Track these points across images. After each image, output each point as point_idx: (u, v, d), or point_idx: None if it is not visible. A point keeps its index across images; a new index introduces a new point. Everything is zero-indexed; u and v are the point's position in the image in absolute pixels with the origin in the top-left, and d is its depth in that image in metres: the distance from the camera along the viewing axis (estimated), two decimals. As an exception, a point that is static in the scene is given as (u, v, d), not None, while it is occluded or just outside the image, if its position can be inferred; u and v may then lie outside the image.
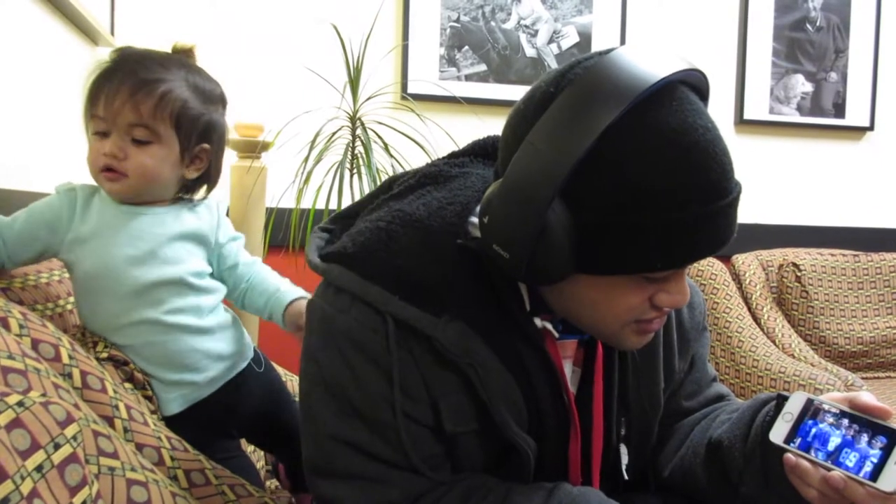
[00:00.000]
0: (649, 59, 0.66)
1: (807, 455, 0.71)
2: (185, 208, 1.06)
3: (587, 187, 0.65)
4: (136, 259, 0.98)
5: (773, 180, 2.84)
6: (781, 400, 0.77)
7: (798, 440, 0.72)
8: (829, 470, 0.69)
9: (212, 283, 1.08)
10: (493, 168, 0.78)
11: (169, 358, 1.02)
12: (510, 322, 0.77)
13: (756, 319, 2.54)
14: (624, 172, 0.64)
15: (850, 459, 0.69)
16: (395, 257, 0.75)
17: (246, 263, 1.14)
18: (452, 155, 0.88)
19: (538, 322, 0.79)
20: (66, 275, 1.06)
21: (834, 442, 0.71)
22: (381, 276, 0.75)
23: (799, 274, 2.59)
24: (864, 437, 0.70)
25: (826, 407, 0.73)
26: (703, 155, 0.65)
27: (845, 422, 0.71)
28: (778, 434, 0.74)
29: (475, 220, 0.78)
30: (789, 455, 0.72)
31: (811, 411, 0.74)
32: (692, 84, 0.70)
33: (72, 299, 1.03)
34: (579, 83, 0.65)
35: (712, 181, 0.65)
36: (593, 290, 0.71)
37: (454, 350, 0.74)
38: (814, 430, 0.72)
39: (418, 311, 0.74)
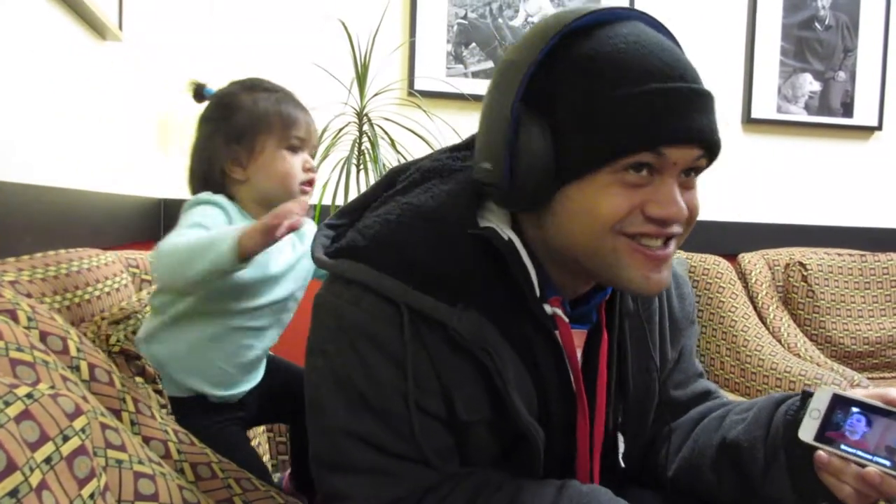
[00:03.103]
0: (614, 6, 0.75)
1: (839, 452, 0.69)
2: None
3: (548, 88, 0.70)
4: (281, 275, 1.13)
5: (781, 179, 2.83)
6: (806, 396, 0.75)
7: (828, 437, 0.71)
8: (863, 466, 0.67)
9: None
10: None
11: (252, 364, 1.16)
12: (521, 309, 0.78)
13: (762, 318, 2.53)
14: (582, 65, 0.70)
15: (884, 454, 0.67)
16: (408, 249, 0.76)
17: None
18: (454, 149, 0.88)
19: (548, 309, 0.79)
20: (75, 268, 1.07)
21: (865, 437, 0.69)
22: (394, 268, 0.75)
23: (805, 273, 2.58)
24: None
25: (853, 402, 0.71)
26: (657, 47, 0.70)
27: (875, 416, 0.70)
28: (807, 432, 0.72)
29: (484, 210, 0.79)
30: (821, 453, 0.70)
31: (839, 407, 0.72)
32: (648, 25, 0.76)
33: (79, 292, 1.04)
34: (545, 18, 0.74)
35: (667, 62, 0.70)
36: (580, 199, 0.71)
37: (470, 338, 0.74)
38: (843, 426, 0.70)
39: (433, 300, 0.74)
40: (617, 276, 0.75)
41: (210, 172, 1.13)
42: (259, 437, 1.41)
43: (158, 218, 2.28)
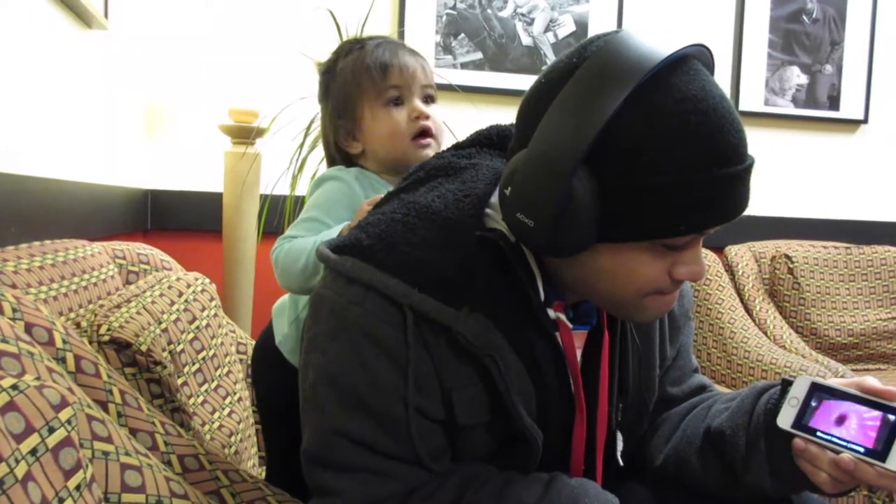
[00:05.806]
0: (663, 35, 0.69)
1: (815, 439, 0.71)
2: None
3: (611, 153, 0.66)
4: None
5: (767, 172, 2.84)
6: (786, 385, 0.76)
7: (805, 424, 0.72)
8: (838, 453, 0.69)
9: None
10: (503, 156, 0.79)
11: None
12: (525, 313, 0.77)
13: (748, 311, 2.55)
14: (647, 136, 0.66)
15: (859, 441, 0.69)
16: (414, 249, 0.74)
17: None
18: (458, 146, 0.87)
19: (551, 313, 0.79)
20: (60, 258, 1.06)
21: (841, 424, 0.71)
22: (399, 269, 0.74)
23: (791, 266, 2.60)
24: (871, 419, 0.70)
25: (831, 390, 0.73)
26: (722, 119, 0.67)
27: (851, 404, 0.71)
28: (785, 419, 0.74)
29: (490, 211, 0.79)
30: (798, 440, 0.72)
31: (816, 395, 0.73)
32: (702, 61, 0.72)
33: (65, 283, 1.03)
34: (602, 54, 0.67)
35: (731, 144, 0.67)
36: (613, 260, 0.72)
37: (476, 342, 0.74)
38: (820, 414, 0.72)
39: (438, 303, 0.73)
40: (630, 317, 0.80)
41: (331, 152, 1.10)
42: (249, 430, 1.40)
43: (145, 209, 2.26)
